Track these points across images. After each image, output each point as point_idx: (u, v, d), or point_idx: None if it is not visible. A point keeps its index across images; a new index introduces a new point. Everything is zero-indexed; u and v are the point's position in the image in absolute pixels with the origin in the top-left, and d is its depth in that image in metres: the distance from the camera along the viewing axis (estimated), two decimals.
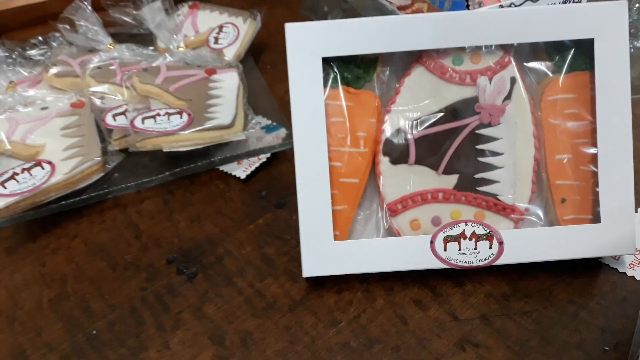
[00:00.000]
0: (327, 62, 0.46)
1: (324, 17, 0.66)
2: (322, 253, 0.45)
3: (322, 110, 0.45)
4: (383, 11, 0.59)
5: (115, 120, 0.58)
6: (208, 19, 0.73)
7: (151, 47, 0.69)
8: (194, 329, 0.45)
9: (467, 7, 0.62)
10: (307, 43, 0.44)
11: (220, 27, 0.71)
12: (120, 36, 0.71)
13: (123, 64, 0.63)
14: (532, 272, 0.46)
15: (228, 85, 0.61)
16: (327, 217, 0.45)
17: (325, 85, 0.46)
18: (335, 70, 0.47)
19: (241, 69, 0.64)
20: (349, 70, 0.47)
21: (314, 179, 0.45)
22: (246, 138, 0.58)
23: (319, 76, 0.45)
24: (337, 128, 0.47)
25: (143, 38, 0.71)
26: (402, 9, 0.63)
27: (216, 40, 0.69)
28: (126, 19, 0.70)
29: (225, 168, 0.58)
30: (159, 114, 0.56)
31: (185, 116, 0.56)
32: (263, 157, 0.59)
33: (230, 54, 0.68)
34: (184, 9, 0.75)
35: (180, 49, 0.66)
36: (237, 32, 0.70)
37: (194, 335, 0.45)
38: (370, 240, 0.46)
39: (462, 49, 0.46)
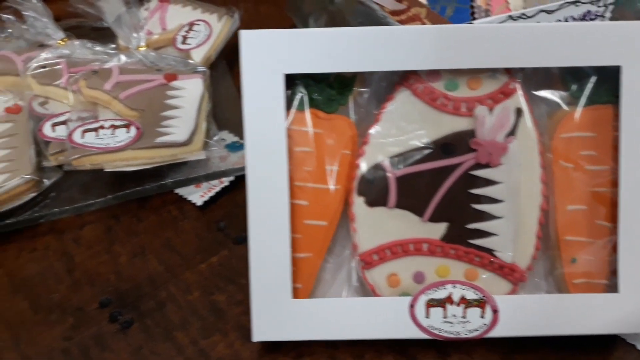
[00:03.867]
0: (292, 80, 0.38)
1: (305, 19, 0.57)
2: (277, 313, 0.37)
3: (284, 137, 0.37)
4: (372, 17, 0.51)
5: (54, 130, 0.50)
6: (179, 14, 0.65)
7: (113, 45, 0.60)
8: None
9: (472, 14, 0.55)
10: (267, 56, 0.36)
11: (191, 25, 0.63)
12: (82, 29, 0.63)
13: (72, 64, 0.55)
14: (530, 345, 0.39)
15: (190, 94, 0.53)
16: (286, 269, 0.37)
17: (289, 107, 0.38)
18: (303, 90, 0.39)
19: (208, 75, 0.56)
20: (320, 90, 0.39)
21: (270, 220, 0.37)
22: (206, 158, 0.50)
23: (281, 96, 0.37)
24: (303, 159, 0.39)
25: (107, 33, 0.63)
26: (396, 14, 0.54)
27: (184, 39, 0.61)
28: (88, 9, 0.62)
29: (181, 191, 0.51)
30: (102, 127, 0.48)
31: (133, 130, 0.48)
32: (226, 181, 0.51)
33: (198, 56, 0.60)
34: (153, 2, 0.66)
35: (141, 49, 0.58)
36: (209, 30, 0.62)
37: None
38: (335, 301, 0.38)
39: (458, 71, 0.38)
